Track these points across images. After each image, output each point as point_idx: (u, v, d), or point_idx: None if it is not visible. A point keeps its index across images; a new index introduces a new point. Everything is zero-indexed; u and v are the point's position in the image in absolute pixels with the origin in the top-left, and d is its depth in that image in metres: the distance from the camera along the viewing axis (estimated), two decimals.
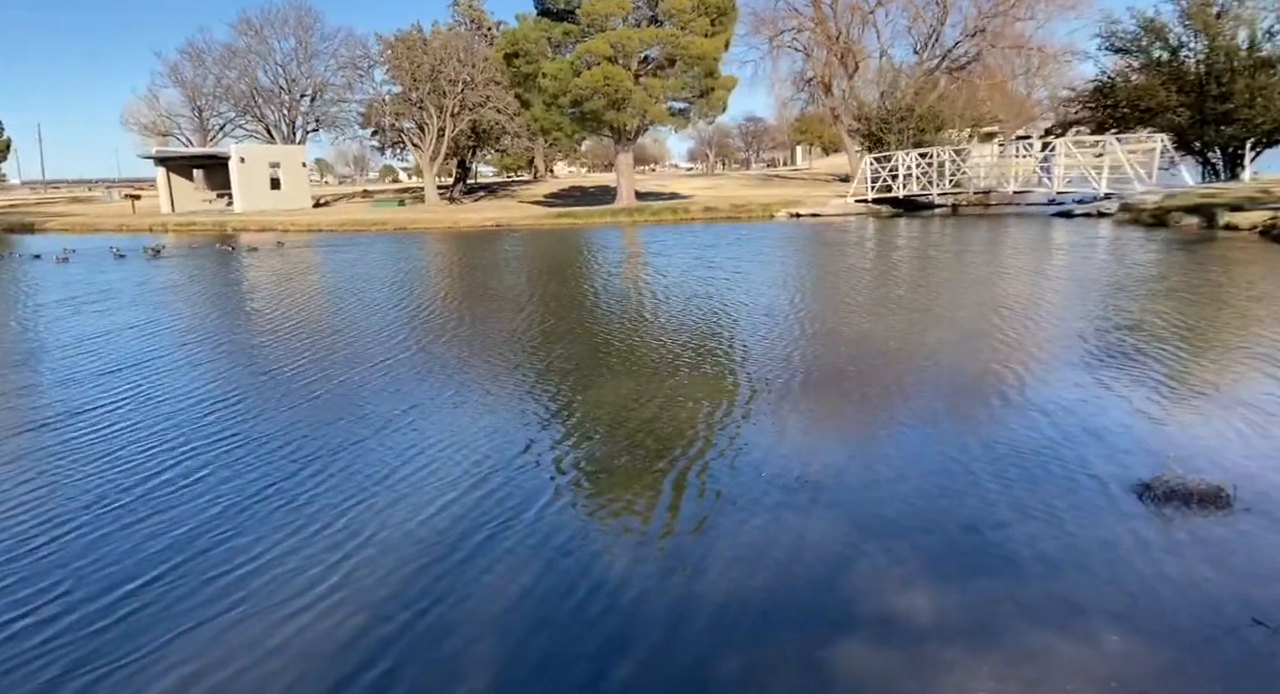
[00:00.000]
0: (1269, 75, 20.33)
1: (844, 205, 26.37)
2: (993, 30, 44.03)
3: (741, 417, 5.64)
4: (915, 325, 8.57)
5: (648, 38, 25.63)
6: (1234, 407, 5.26)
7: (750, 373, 6.78)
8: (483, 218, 28.15)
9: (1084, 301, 9.29)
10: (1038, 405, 5.52)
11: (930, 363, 6.95)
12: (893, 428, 5.34)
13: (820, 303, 10.30)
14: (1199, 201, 16.37)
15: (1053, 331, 7.82)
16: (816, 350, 7.46)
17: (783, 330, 8.44)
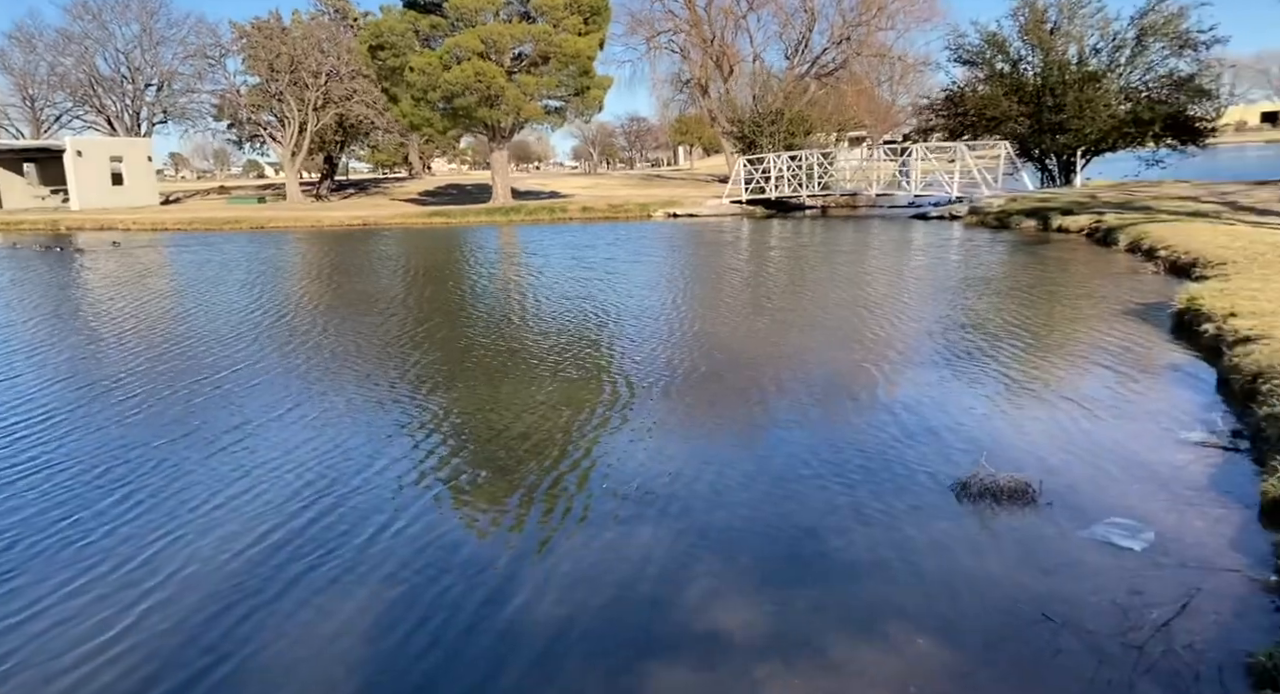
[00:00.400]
0: (1095, 89, 22.12)
1: (719, 206, 26.82)
2: (857, 39, 46.09)
3: (599, 425, 5.50)
4: (781, 326, 8.71)
5: (520, 34, 25.21)
6: (1052, 401, 5.56)
7: (616, 379, 6.67)
8: (349, 216, 26.92)
9: (936, 301, 9.72)
10: (884, 405, 5.67)
11: (792, 365, 7.05)
12: (748, 432, 5.34)
13: (692, 305, 10.34)
14: (1036, 206, 17.59)
15: (907, 331, 8.12)
16: (683, 354, 7.44)
17: (653, 334, 8.39)
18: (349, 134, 40.83)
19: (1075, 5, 22.82)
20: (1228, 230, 11.83)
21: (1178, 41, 21.98)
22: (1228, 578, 3.20)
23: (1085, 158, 23.57)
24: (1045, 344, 7.25)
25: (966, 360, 6.79)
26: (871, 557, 3.54)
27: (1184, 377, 5.96)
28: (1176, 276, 9.97)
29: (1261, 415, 4.59)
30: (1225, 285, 7.75)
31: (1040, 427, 5.07)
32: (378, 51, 26.24)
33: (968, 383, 6.14)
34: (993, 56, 23.96)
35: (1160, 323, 7.62)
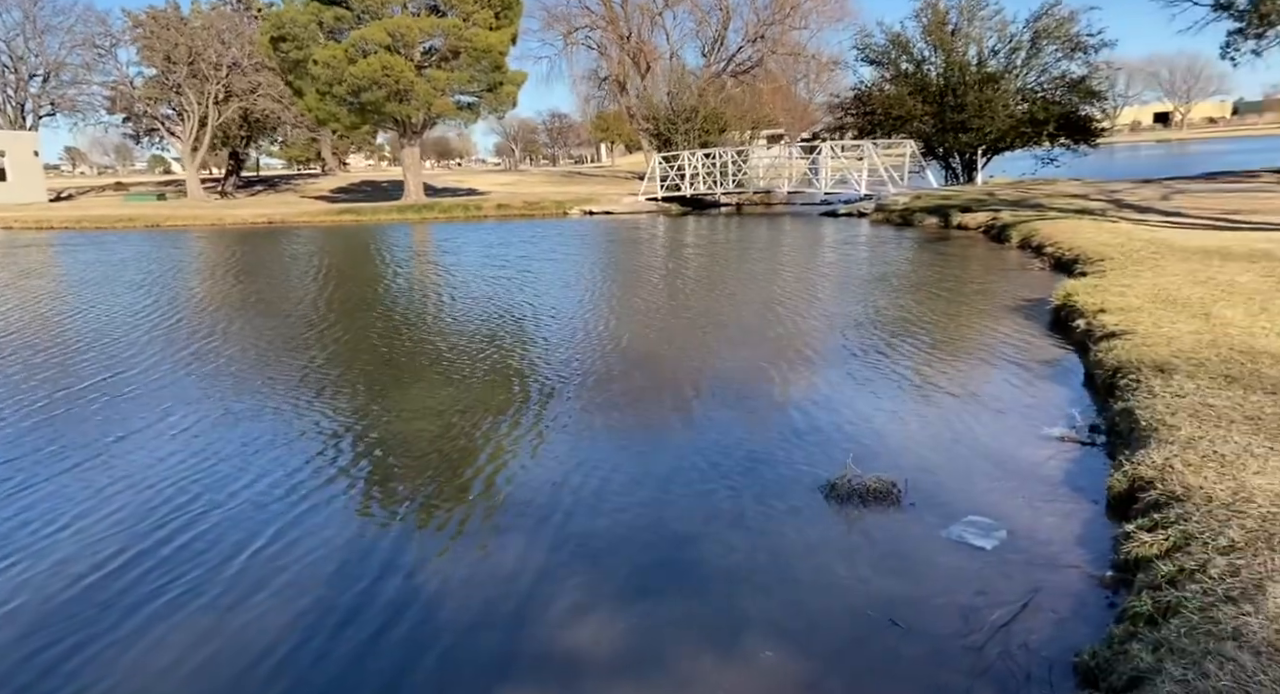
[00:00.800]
0: (994, 90, 23.02)
1: (635, 203, 26.83)
2: (771, 37, 46.80)
3: (489, 432, 5.37)
4: (687, 326, 8.71)
5: (428, 27, 24.62)
6: (931, 398, 5.69)
7: (514, 382, 6.55)
8: (253, 214, 25.87)
9: (838, 299, 9.89)
10: (776, 405, 5.70)
11: (694, 365, 7.04)
12: (640, 435, 5.28)
13: (601, 305, 10.25)
14: (938, 203, 18.15)
15: (807, 329, 8.21)
16: (588, 356, 7.36)
17: (560, 335, 8.30)
18: (255, 129, 39.20)
19: (974, 8, 23.69)
20: (1110, 227, 12.41)
21: (1069, 44, 23.04)
22: (1069, 575, 3.29)
23: (986, 156, 24.48)
24: (933, 341, 7.42)
25: (858, 358, 6.90)
26: (742, 563, 3.52)
27: (1055, 372, 6.17)
28: (1062, 272, 10.40)
29: (1116, 410, 4.78)
30: (1099, 281, 8.10)
31: (916, 424, 5.17)
32: (279, 43, 25.22)
33: (855, 381, 6.23)
34: (897, 57, 24.67)
35: (1041, 318, 7.91)
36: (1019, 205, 16.61)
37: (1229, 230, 11.46)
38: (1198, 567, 2.94)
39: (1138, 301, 6.99)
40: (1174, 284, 7.59)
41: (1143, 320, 6.31)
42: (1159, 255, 9.41)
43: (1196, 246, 9.80)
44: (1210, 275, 7.93)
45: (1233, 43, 20.77)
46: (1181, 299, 6.92)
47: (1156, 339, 5.72)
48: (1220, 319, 6.12)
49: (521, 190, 39.16)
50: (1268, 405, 4.27)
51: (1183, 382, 4.76)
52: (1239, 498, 3.34)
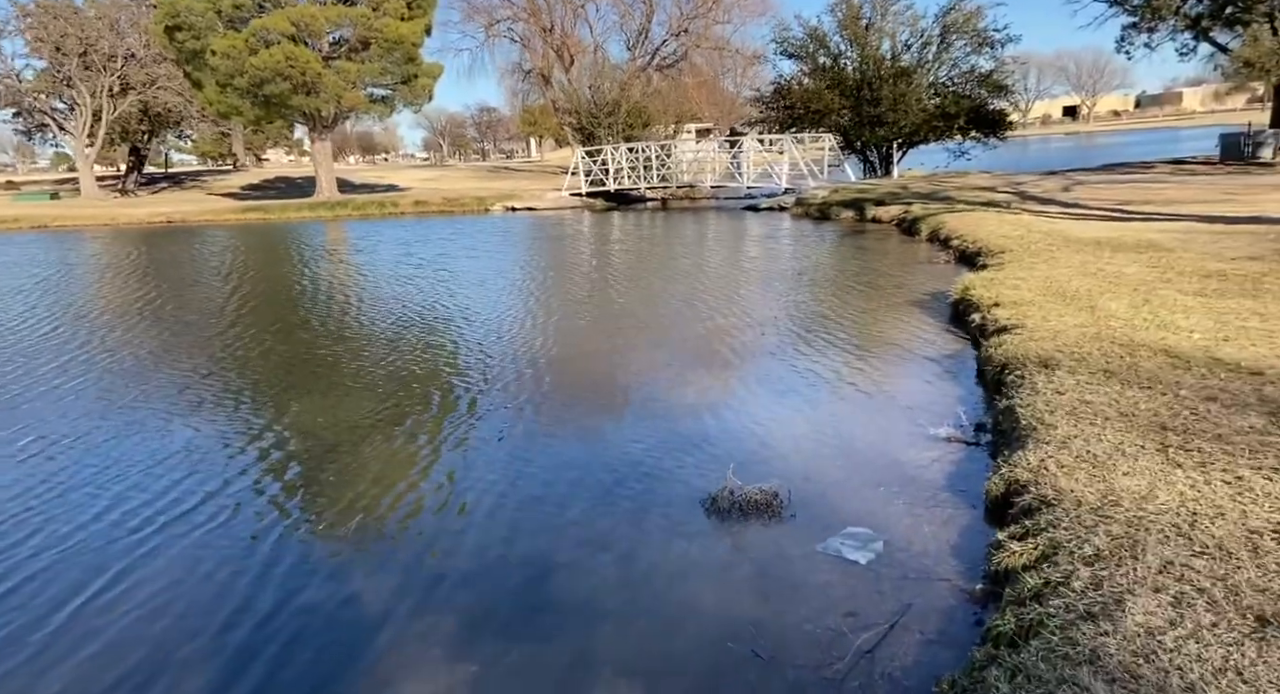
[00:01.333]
0: (907, 84, 23.41)
1: (559, 199, 26.46)
2: (696, 31, 46.84)
3: (386, 450, 5.03)
4: (596, 327, 8.47)
5: (335, 17, 23.68)
6: (824, 400, 5.59)
7: (421, 393, 6.20)
8: (151, 213, 24.53)
9: (747, 296, 9.78)
10: (669, 411, 5.51)
11: (594, 370, 6.81)
12: (524, 450, 4.99)
13: (517, 305, 9.91)
14: (855, 197, 18.34)
15: (713, 328, 8.06)
16: (497, 363, 7.06)
17: (473, 340, 7.99)
18: (156, 124, 37.20)
19: (887, 2, 24.01)
20: (1013, 220, 12.65)
21: (976, 39, 23.58)
22: (941, 590, 3.17)
23: (902, 150, 24.91)
24: (838, 338, 7.35)
25: (757, 358, 6.77)
26: (605, 594, 3.31)
27: (949, 368, 6.15)
28: (966, 265, 10.52)
29: (1000, 408, 4.73)
30: (997, 275, 8.17)
31: (809, 427, 5.04)
32: (175, 33, 23.89)
33: (757, 382, 6.09)
34: (815, 51, 24.87)
35: (942, 313, 7.93)
36: (930, 198, 16.89)
37: (1122, 221, 11.81)
38: (1063, 579, 2.84)
39: (1030, 294, 7.04)
40: (1066, 276, 7.69)
41: (1033, 314, 6.34)
42: (1055, 247, 9.58)
43: (1090, 238, 10.03)
44: (1100, 266, 8.07)
45: (1127, 37, 21.62)
46: (1071, 291, 6.99)
47: (1044, 333, 5.73)
48: (1105, 311, 6.18)
49: (443, 186, 38.26)
50: (1141, 401, 4.26)
51: (1064, 377, 4.74)
52: (1107, 501, 3.27)
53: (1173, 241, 9.35)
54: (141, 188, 39.01)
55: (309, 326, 9.12)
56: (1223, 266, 7.62)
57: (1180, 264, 7.93)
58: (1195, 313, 5.97)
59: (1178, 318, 5.84)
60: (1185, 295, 6.62)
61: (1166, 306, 6.21)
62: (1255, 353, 4.89)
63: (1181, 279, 7.25)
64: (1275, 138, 21.39)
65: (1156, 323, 5.75)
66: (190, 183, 42.90)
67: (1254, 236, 9.24)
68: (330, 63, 24.57)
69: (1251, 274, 7.19)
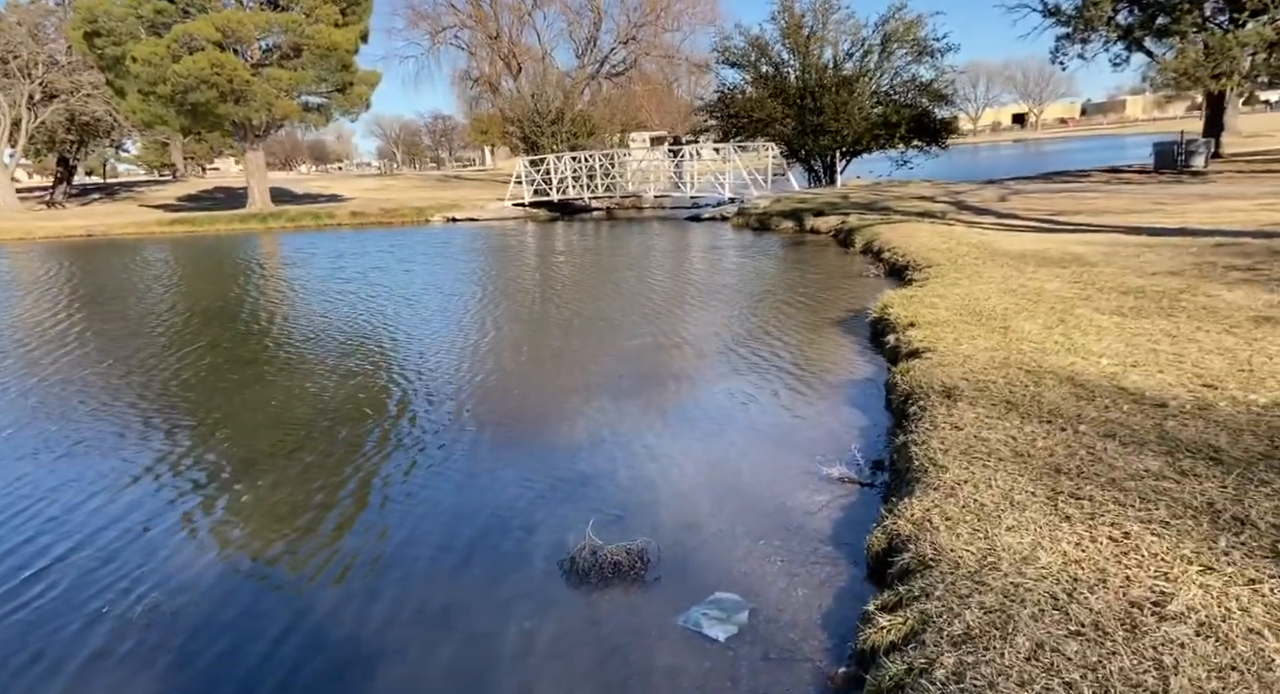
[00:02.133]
0: (849, 92, 23.39)
1: (502, 209, 25.95)
2: (645, 39, 46.67)
3: (245, 497, 4.53)
4: (511, 352, 8.03)
5: (263, 23, 22.88)
6: (716, 435, 5.25)
7: (325, 427, 5.70)
8: (71, 226, 23.45)
9: (670, 315, 9.45)
10: (562, 451, 5.13)
11: (506, 404, 6.38)
12: (414, 501, 4.55)
13: (442, 326, 9.44)
14: (794, 207, 18.17)
15: (636, 352, 7.71)
16: (409, 394, 6.61)
17: (392, 366, 7.51)
18: (84, 133, 35.74)
19: (828, 10, 23.99)
20: (945, 231, 12.53)
21: (916, 48, 23.66)
22: (801, 675, 2.82)
23: (845, 159, 24.89)
24: (747, 363, 7.03)
25: (664, 385, 6.42)
26: (437, 682, 2.88)
27: (858, 395, 5.85)
28: (895, 278, 10.32)
29: (897, 445, 4.42)
30: (917, 292, 7.94)
31: (693, 468, 4.69)
32: (94, 38, 22.87)
33: (650, 414, 5.73)
34: (757, 59, 24.74)
35: (862, 332, 7.66)
36: (869, 208, 16.77)
37: (1051, 232, 11.73)
38: (926, 665, 2.51)
39: (947, 314, 6.79)
40: (986, 293, 7.48)
41: (945, 336, 6.08)
42: (981, 261, 9.41)
43: (1018, 251, 9.89)
44: (1023, 282, 7.88)
45: (1061, 47, 21.83)
46: (988, 311, 6.76)
47: (953, 358, 5.47)
48: (1018, 333, 5.94)
49: (387, 196, 37.49)
50: (1039, 438, 3.98)
51: (964, 411, 4.46)
52: (987, 564, 2.96)
53: (1097, 255, 9.24)
54: (72, 199, 37.48)
55: (217, 348, 8.55)
56: (1142, 283, 7.48)
57: (1101, 279, 7.78)
58: (1108, 335, 5.75)
59: (1089, 341, 5.62)
60: (1101, 314, 6.42)
61: (1080, 328, 6.00)
62: (1161, 381, 4.66)
63: (1100, 296, 7.08)
64: (1206, 146, 21.77)
65: (1067, 346, 5.52)
66: (125, 193, 41.37)
67: (1176, 250, 9.16)
68: (260, 70, 23.73)
69: (1169, 291, 7.04)
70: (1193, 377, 4.70)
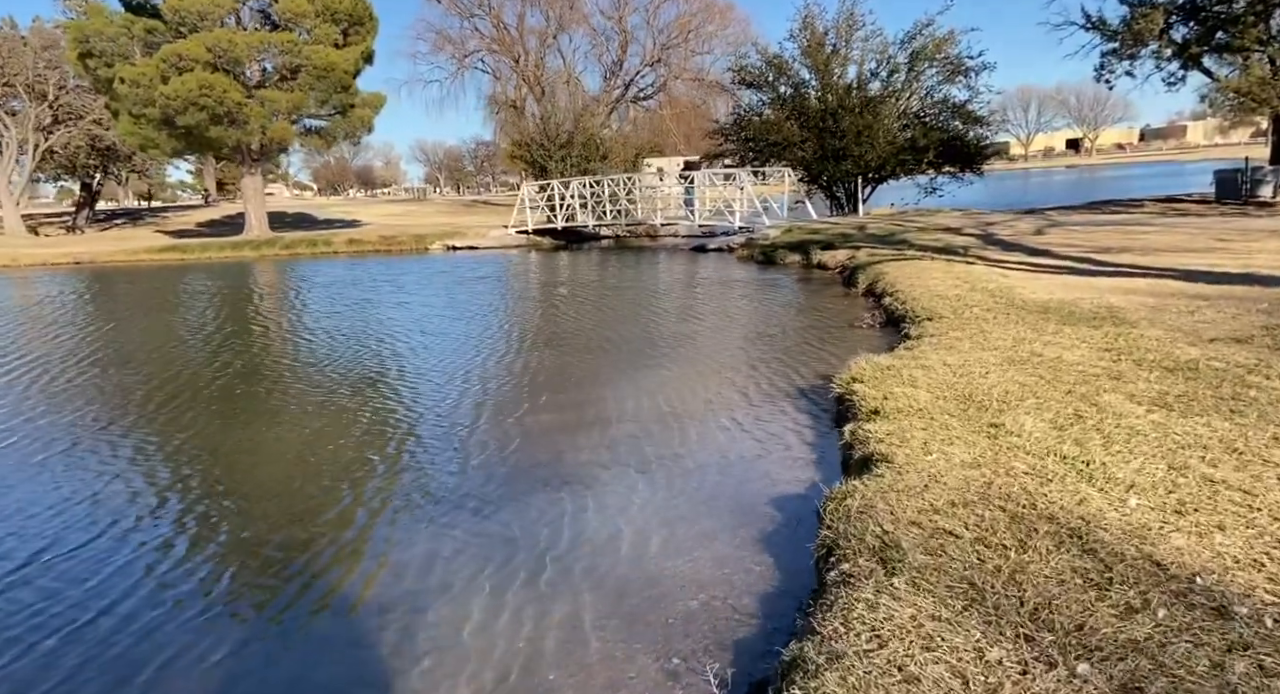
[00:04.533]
0: (873, 115, 21.62)
1: (504, 237, 24.70)
2: (677, 62, 45.59)
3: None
4: (452, 410, 6.54)
5: (256, 43, 22.05)
6: (598, 577, 3.64)
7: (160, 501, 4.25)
8: (64, 253, 22.79)
9: (628, 374, 7.89)
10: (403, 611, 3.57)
11: (410, 481, 4.86)
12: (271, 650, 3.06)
13: (400, 370, 8.03)
14: (804, 239, 16.48)
15: (560, 427, 6.15)
16: (359, 468, 5.14)
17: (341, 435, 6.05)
18: (106, 158, 35.60)
19: (851, 28, 22.35)
20: (963, 270, 10.77)
21: (948, 67, 21.86)
22: None
23: (870, 185, 23.10)
24: (669, 455, 5.40)
25: (568, 489, 4.82)
26: None
27: (779, 536, 4.15)
28: (893, 328, 8.62)
29: (787, 658, 2.76)
30: (900, 358, 6.23)
31: (528, 652, 3.07)
32: (88, 59, 22.34)
33: (532, 545, 4.13)
34: (775, 79, 23.16)
35: (825, 414, 5.99)
36: (884, 241, 15.03)
37: (1088, 274, 9.90)
38: None
39: (926, 397, 5.09)
40: (987, 364, 5.76)
41: (914, 436, 4.40)
42: (993, 313, 7.66)
43: (1041, 301, 8.10)
44: (1038, 348, 6.14)
45: (1107, 64, 19.81)
46: (982, 394, 5.05)
47: (913, 481, 3.80)
48: (1014, 436, 4.23)
49: (406, 221, 36.75)
50: (1008, 683, 2.30)
51: (902, 597, 2.80)
52: None
53: (1139, 310, 7.42)
54: (95, 224, 37.42)
55: (148, 393, 7.21)
56: (1196, 354, 5.68)
57: (1141, 347, 5.99)
58: (1144, 446, 4.01)
59: (1115, 458, 3.89)
60: (1136, 405, 4.68)
61: (1103, 430, 4.27)
62: (1223, 552, 2.94)
63: (1137, 374, 5.31)
64: (1275, 175, 19.52)
65: (1081, 466, 3.80)
66: (150, 219, 41.34)
67: (1241, 304, 7.30)
68: (256, 92, 22.93)
69: (1233, 369, 5.24)
70: (1276, 543, 2.97)
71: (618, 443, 5.62)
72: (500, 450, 5.63)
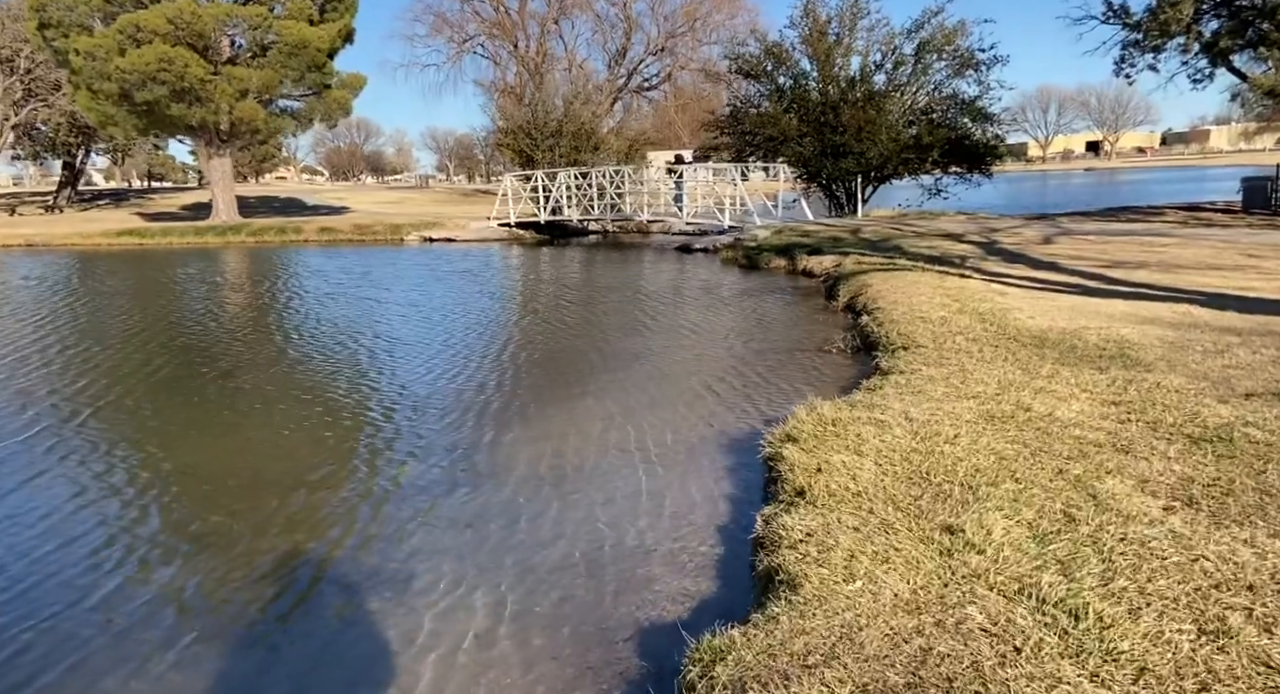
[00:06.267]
0: (876, 109, 20.21)
1: (484, 229, 23.49)
2: (680, 52, 44.20)
3: None
4: (378, 434, 5.35)
5: (223, 15, 20.79)
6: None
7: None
8: (13, 234, 21.67)
9: (540, 418, 6.67)
10: None
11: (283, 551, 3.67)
12: None
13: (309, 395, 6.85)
14: (791, 242, 15.17)
15: (444, 483, 4.94)
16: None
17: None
18: (87, 135, 34.46)
19: (856, 15, 20.92)
20: (956, 286, 9.48)
21: (958, 60, 20.43)
22: None
23: (872, 185, 21.73)
24: (518, 545, 4.19)
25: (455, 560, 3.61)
26: None
27: (658, 635, 2.94)
28: (866, 354, 7.36)
29: None
30: (848, 411, 4.97)
31: None
32: (45, 30, 21.19)
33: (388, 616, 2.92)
34: (774, 69, 21.75)
35: (755, 480, 4.74)
36: (875, 247, 13.72)
37: (1098, 295, 8.58)
38: None
39: (869, 474, 3.85)
40: (959, 421, 4.50)
41: (841, 544, 3.17)
42: (981, 344, 6.39)
43: (1039, 329, 6.82)
44: (1026, 400, 4.87)
45: (1128, 57, 18.35)
46: (943, 473, 3.80)
47: (815, 639, 2.57)
48: (973, 558, 2.98)
49: (398, 209, 35.58)
50: None
51: None
52: None
53: (1156, 345, 6.13)
54: (76, 204, 36.36)
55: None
56: (1228, 415, 4.40)
57: (1158, 400, 4.72)
58: (1160, 582, 2.76)
59: (1118, 609, 2.63)
60: (1149, 497, 3.43)
61: (1102, 548, 3.01)
62: None
63: (1152, 443, 4.05)
64: None
65: (1066, 624, 2.54)
66: (135, 200, 40.30)
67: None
68: (223, 67, 21.71)
69: (1278, 441, 3.97)
70: None
71: (452, 523, 4.38)
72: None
